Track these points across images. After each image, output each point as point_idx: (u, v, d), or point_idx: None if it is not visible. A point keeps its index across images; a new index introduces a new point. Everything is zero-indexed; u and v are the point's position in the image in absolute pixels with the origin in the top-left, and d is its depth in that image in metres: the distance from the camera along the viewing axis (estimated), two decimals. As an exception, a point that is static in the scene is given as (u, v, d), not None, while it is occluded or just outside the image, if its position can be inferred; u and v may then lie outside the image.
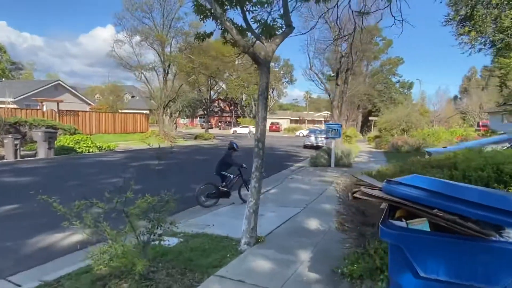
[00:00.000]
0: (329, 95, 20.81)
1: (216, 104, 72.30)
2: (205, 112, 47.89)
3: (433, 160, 3.84)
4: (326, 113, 75.63)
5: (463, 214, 1.82)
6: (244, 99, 73.59)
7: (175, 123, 42.95)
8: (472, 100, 54.81)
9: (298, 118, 77.02)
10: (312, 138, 27.12)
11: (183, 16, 27.41)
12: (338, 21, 5.41)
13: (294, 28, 5.29)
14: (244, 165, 8.45)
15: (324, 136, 27.09)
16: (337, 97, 19.43)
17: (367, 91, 43.49)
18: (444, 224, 1.81)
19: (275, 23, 5.35)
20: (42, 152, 15.93)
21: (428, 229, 1.89)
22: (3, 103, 21.44)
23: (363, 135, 55.24)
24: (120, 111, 40.02)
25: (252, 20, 5.33)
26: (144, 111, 43.19)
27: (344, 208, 4.29)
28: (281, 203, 8.03)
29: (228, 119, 77.64)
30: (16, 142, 14.86)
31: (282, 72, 76.63)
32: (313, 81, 21.77)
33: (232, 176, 8.57)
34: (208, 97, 44.45)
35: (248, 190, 11.45)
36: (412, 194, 1.89)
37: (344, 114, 20.77)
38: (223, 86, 56.04)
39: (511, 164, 3.14)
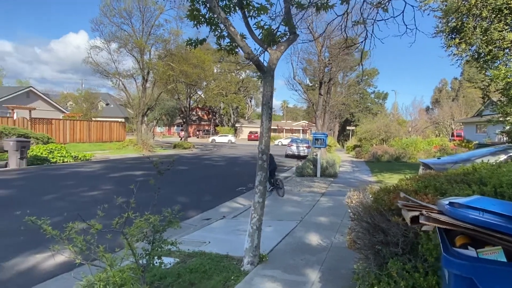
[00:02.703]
0: (312, 105, 20.84)
1: (194, 112, 71.49)
2: (184, 120, 47.16)
3: (451, 174, 3.66)
4: (304, 122, 76.35)
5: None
6: (222, 108, 73.23)
7: (152, 132, 41.99)
8: (444, 111, 56.72)
9: (276, 127, 77.27)
10: (294, 148, 27.06)
11: (163, 23, 26.98)
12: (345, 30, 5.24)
13: (298, 35, 5.09)
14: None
15: (306, 145, 27.18)
16: (320, 107, 19.46)
17: (345, 101, 44.12)
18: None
19: (279, 30, 5.13)
20: (13, 162, 14.98)
21: (504, 259, 1.67)
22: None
23: (340, 144, 56.00)
24: (94, 119, 38.72)
25: (254, 26, 5.08)
26: (119, 119, 42.05)
27: (358, 225, 4.03)
28: (275, 216, 7.73)
29: (206, 127, 76.90)
30: (-16, 151, 13.89)
31: (260, 80, 76.92)
32: (295, 90, 21.78)
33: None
34: (188, 106, 43.79)
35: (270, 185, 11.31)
36: (488, 220, 1.66)
37: (326, 123, 20.82)
38: (202, 94, 55.55)
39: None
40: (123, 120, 42.59)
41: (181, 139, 40.98)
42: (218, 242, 5.77)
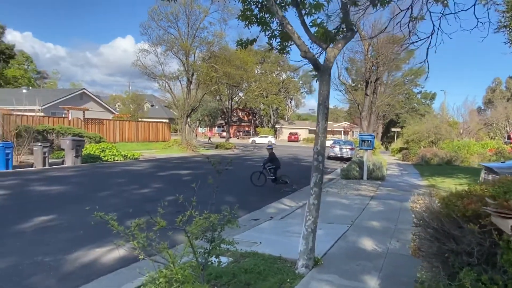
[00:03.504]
0: (357, 105, 20.27)
1: (234, 113, 72.35)
2: (225, 121, 47.83)
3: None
4: (345, 123, 74.70)
5: None
6: (262, 109, 73.49)
7: (194, 132, 42.99)
8: (498, 112, 52.97)
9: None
10: (337, 149, 26.50)
11: (207, 26, 27.54)
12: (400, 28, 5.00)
13: (356, 32, 4.91)
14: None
15: (349, 147, 26.53)
16: (366, 107, 18.88)
17: (390, 101, 42.59)
18: None
19: (335, 28, 4.98)
20: (69, 160, 15.91)
21: None
22: (32, 111, 21.70)
23: (384, 146, 54.10)
24: (140, 119, 40.31)
25: (310, 24, 4.97)
26: (164, 120, 43.46)
27: (423, 232, 3.79)
28: (325, 219, 7.54)
29: (247, 128, 77.53)
30: (44, 150, 14.86)
31: (301, 82, 76.37)
32: (340, 90, 21.29)
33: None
34: (229, 107, 44.38)
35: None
36: None
37: (372, 124, 20.16)
38: (242, 95, 56.02)
39: None
40: (167, 121, 44.01)
41: (226, 139, 41.56)
42: (269, 243, 5.71)
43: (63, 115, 26.65)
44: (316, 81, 5.01)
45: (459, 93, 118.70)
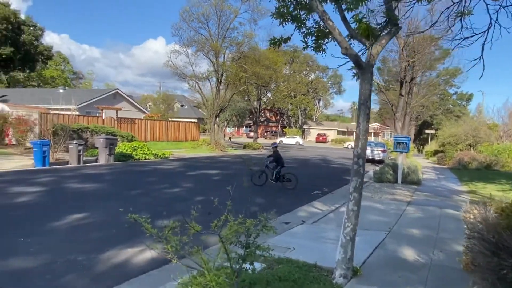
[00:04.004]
0: (391, 106, 19.57)
1: (262, 113, 72.27)
2: (253, 121, 47.80)
3: None
4: (376, 124, 72.87)
5: None
6: (290, 109, 72.95)
7: (223, 132, 43.22)
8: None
9: (345, 129, 74.86)
10: (368, 151, 25.62)
11: (237, 26, 27.53)
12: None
13: (401, 27, 4.60)
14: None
15: (381, 149, 25.72)
16: (400, 108, 18.18)
17: (424, 102, 41.02)
18: None
19: (378, 23, 4.69)
20: (102, 158, 16.29)
21: None
22: (68, 110, 22.48)
23: (416, 149, 52.23)
24: (170, 119, 40.98)
25: (351, 19, 4.70)
26: (193, 120, 43.95)
27: (478, 245, 3.45)
28: (360, 225, 7.12)
29: (274, 129, 77.27)
30: (79, 148, 15.29)
31: (330, 82, 75.24)
32: (382, 91, 20.64)
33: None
34: (258, 107, 44.29)
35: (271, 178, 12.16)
36: None
37: (406, 126, 19.38)
38: (270, 96, 55.80)
39: None
40: (196, 120, 44.51)
41: (254, 140, 41.47)
42: (303, 249, 5.47)
43: (97, 114, 27.47)
44: (357, 80, 4.74)
45: (499, 94, 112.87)
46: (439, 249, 5.68)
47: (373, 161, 24.65)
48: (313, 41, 5.86)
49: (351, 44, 4.58)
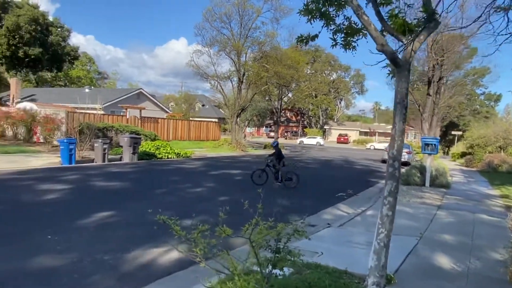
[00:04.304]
0: (419, 107, 18.99)
1: (282, 113, 71.92)
2: (274, 121, 47.61)
3: None
4: (399, 125, 71.16)
5: None
6: (311, 109, 72.30)
7: (243, 132, 43.21)
8: None
9: (368, 130, 73.57)
10: (392, 153, 25.09)
11: (260, 26, 27.45)
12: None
13: (440, 22, 4.34)
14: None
15: (406, 150, 25.03)
16: (428, 108, 17.59)
17: (451, 103, 39.74)
18: None
19: (415, 18, 4.45)
20: (127, 156, 16.51)
21: None
22: (93, 109, 22.96)
23: (443, 151, 50.69)
24: (191, 119, 41.30)
25: (386, 14, 4.48)
26: (213, 119, 44.16)
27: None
28: (389, 229, 6.96)
29: (294, 129, 76.79)
30: (104, 146, 15.53)
31: (352, 82, 74.12)
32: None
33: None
34: (279, 107, 44.07)
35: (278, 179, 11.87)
36: None
37: (434, 127, 18.75)
38: (291, 96, 55.42)
39: None
40: (216, 120, 44.73)
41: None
42: (331, 254, 5.29)
43: (121, 113, 27.96)
44: (392, 78, 4.53)
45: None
46: (475, 257, 5.38)
47: (397, 163, 24.04)
48: (342, 39, 5.67)
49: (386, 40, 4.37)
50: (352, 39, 5.74)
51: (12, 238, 5.46)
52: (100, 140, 15.61)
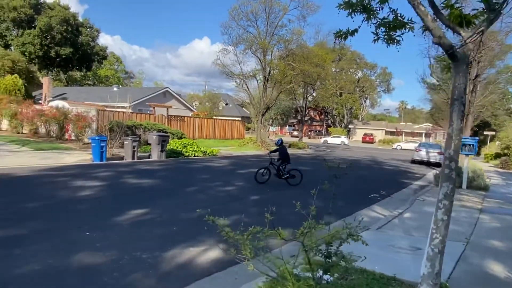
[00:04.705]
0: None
1: (306, 112, 71.23)
2: (299, 120, 47.19)
3: None
4: (427, 125, 69.25)
5: None
6: (335, 108, 71.25)
7: (267, 131, 43.03)
8: None
9: (394, 130, 71.81)
10: (423, 153, 24.36)
11: (286, 23, 27.16)
12: None
13: (500, 12, 4.03)
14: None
15: (437, 151, 24.21)
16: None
17: (484, 102, 38.11)
18: None
19: (474, 9, 4.15)
20: (155, 154, 16.66)
21: None
22: (121, 107, 23.36)
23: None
24: (216, 117, 41.50)
25: (441, 5, 4.20)
26: (236, 118, 44.17)
27: None
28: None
29: (318, 128, 75.92)
30: (134, 144, 15.72)
31: (378, 80, 72.53)
32: (432, 89, 19.37)
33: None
34: (304, 106, 43.61)
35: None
36: None
37: (469, 127, 17.95)
38: (315, 94, 54.75)
39: None
40: (239, 119, 44.76)
41: (299, 139, 40.82)
42: (375, 259, 5.03)
43: (148, 112, 28.35)
44: (447, 73, 4.26)
45: None
46: (532, 266, 5.00)
47: (428, 164, 23.32)
48: (384, 33, 5.43)
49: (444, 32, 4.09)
50: (394, 33, 5.48)
51: (51, 234, 5.51)
52: (130, 138, 15.81)
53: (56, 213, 6.66)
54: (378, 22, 5.33)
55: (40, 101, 29.62)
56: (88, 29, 46.48)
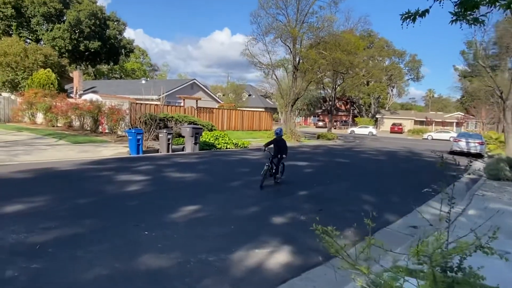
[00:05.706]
0: (501, 93, 17.11)
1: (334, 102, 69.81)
2: (327, 110, 46.24)
3: None
4: (458, 114, 66.69)
5: None
6: (361, 98, 69.53)
7: (294, 122, 42.34)
8: None
9: (424, 119, 69.51)
10: (463, 143, 23.21)
11: (317, 10, 26.31)
12: None
13: None
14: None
15: (478, 141, 23.04)
16: (512, 95, 15.77)
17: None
18: None
19: None
20: (189, 146, 16.48)
21: None
22: (152, 99, 23.34)
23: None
24: (242, 108, 41.17)
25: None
26: (259, 109, 43.69)
27: None
28: (510, 234, 6.03)
29: (344, 118, 74.42)
30: (169, 136, 15.58)
31: (407, 68, 70.15)
32: (474, 76, 18.24)
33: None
34: (333, 95, 42.57)
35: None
36: None
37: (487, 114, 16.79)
38: (343, 83, 53.40)
39: None
40: (263, 110, 44.27)
41: (328, 129, 39.90)
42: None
43: (176, 104, 28.30)
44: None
45: None
46: None
47: (468, 154, 22.17)
48: (460, 12, 4.88)
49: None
50: (471, 12, 4.96)
51: (109, 232, 5.27)
52: (164, 131, 15.67)
53: (108, 210, 6.45)
54: (458, 1, 4.81)
55: (71, 95, 30.11)
56: (115, 23, 46.84)
